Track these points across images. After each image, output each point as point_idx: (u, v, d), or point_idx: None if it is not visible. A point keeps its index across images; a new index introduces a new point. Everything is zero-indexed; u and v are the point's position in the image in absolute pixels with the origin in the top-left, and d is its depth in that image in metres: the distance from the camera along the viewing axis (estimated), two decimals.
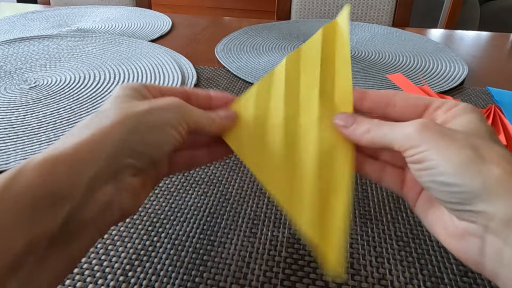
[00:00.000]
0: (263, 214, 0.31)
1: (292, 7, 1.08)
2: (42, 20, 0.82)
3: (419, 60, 0.64)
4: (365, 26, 0.81)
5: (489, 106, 0.42)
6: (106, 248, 0.28)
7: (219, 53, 0.65)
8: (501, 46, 0.74)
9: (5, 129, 0.41)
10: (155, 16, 0.85)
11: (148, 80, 0.53)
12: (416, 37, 0.75)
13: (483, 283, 0.26)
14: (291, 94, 0.26)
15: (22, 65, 0.58)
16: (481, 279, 0.26)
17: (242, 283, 0.26)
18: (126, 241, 0.29)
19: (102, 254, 0.28)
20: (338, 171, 0.22)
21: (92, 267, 0.27)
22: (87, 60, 0.60)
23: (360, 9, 1.05)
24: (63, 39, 0.68)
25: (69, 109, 0.46)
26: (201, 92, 0.27)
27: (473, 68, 0.62)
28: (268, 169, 0.23)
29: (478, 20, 1.77)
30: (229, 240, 0.29)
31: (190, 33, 0.77)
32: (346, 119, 0.23)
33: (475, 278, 0.26)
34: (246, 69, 0.59)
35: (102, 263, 0.27)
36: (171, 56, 0.61)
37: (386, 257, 0.28)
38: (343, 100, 0.25)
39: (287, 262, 0.27)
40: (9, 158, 0.36)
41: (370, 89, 0.53)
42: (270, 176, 0.23)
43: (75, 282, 0.26)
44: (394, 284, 0.26)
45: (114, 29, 0.77)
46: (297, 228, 0.22)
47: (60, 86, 0.51)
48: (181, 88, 0.26)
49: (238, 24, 0.84)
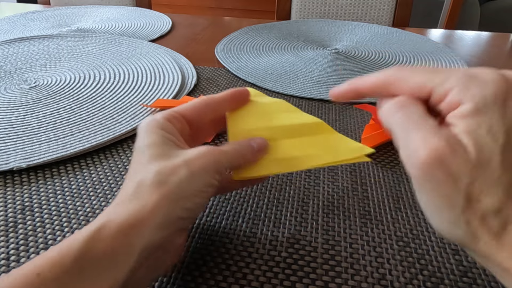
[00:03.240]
0: (263, 214, 0.31)
1: (292, 7, 1.08)
2: (42, 20, 0.82)
3: (419, 60, 0.64)
4: (365, 26, 0.81)
5: None
6: None
7: (219, 53, 0.65)
8: (501, 46, 0.74)
9: (5, 129, 0.41)
10: (155, 16, 0.85)
11: (148, 80, 0.53)
12: (416, 37, 0.75)
13: (483, 283, 0.26)
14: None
15: (22, 65, 0.58)
16: (481, 279, 0.26)
17: (242, 283, 0.26)
18: None
19: None
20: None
21: None
22: (87, 60, 0.60)
23: (360, 9, 1.05)
24: (63, 39, 0.68)
25: (69, 109, 0.46)
26: (218, 97, 0.27)
27: None
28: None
29: (478, 20, 1.77)
30: (229, 240, 0.29)
31: (190, 33, 0.77)
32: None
33: (475, 278, 0.26)
34: (246, 69, 0.59)
35: None
36: (171, 56, 0.61)
37: (386, 258, 0.28)
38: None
39: (287, 262, 0.27)
40: (9, 158, 0.37)
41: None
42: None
43: None
44: (394, 284, 0.26)
45: (114, 29, 0.77)
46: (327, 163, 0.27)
47: (60, 86, 0.51)
48: (201, 102, 0.27)
49: (238, 24, 0.84)
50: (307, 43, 0.71)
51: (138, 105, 0.47)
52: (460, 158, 0.17)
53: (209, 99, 0.27)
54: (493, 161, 0.17)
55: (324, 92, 0.52)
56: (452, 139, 0.18)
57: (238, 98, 0.28)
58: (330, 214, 0.31)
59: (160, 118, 0.25)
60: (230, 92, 0.28)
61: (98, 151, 0.39)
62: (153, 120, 0.25)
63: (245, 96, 0.28)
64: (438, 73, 0.19)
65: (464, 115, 0.18)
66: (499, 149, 0.17)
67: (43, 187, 0.34)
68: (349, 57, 0.65)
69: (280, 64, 0.61)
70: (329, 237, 0.29)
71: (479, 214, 0.17)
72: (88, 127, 0.42)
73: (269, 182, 0.35)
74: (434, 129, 0.18)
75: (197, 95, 0.51)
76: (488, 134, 0.17)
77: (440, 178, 0.17)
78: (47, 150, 0.38)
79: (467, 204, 0.17)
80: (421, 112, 0.19)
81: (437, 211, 0.19)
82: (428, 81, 0.19)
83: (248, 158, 0.26)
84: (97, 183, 0.34)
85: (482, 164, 0.17)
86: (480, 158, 0.17)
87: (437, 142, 0.17)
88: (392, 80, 0.21)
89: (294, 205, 0.32)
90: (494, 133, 0.17)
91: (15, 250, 0.28)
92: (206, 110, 0.27)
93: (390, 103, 0.20)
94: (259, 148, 0.26)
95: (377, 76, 0.21)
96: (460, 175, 0.17)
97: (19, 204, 0.32)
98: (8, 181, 0.35)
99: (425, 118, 0.19)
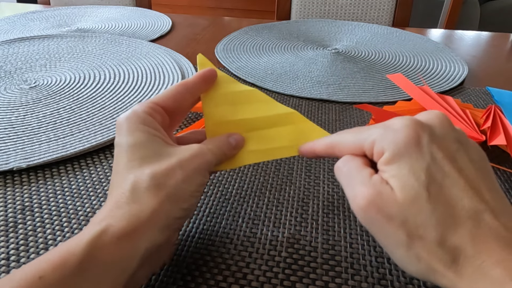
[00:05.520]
0: (263, 214, 0.31)
1: (292, 7, 1.08)
2: (42, 20, 0.82)
3: (419, 60, 0.64)
4: (365, 26, 0.81)
5: (489, 106, 0.42)
6: None
7: (219, 53, 0.65)
8: (501, 46, 0.74)
9: (5, 129, 0.41)
10: (155, 16, 0.85)
11: (148, 80, 0.53)
12: (416, 37, 0.75)
13: None
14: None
15: (22, 65, 0.58)
16: None
17: (242, 283, 0.26)
18: None
19: None
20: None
21: None
22: (87, 60, 0.60)
23: (360, 9, 1.05)
24: (63, 39, 0.68)
25: (69, 109, 0.46)
26: (192, 81, 0.27)
27: (473, 68, 0.62)
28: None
29: (478, 20, 1.77)
30: (229, 240, 0.29)
31: (190, 33, 0.77)
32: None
33: None
34: (246, 69, 0.59)
35: None
36: (171, 56, 0.61)
37: (386, 257, 0.28)
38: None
39: (287, 262, 0.27)
40: (9, 158, 0.37)
41: (369, 89, 0.53)
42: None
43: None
44: (394, 284, 0.26)
45: (114, 29, 0.77)
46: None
47: (60, 86, 0.51)
48: (178, 89, 0.27)
49: (238, 24, 0.84)
50: (307, 43, 0.71)
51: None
52: (388, 200, 0.19)
53: (184, 85, 0.27)
54: (420, 197, 0.19)
55: (324, 92, 0.52)
56: (379, 185, 0.20)
57: (209, 78, 0.28)
58: (330, 214, 0.31)
59: (141, 112, 0.25)
60: (201, 73, 0.28)
61: (98, 151, 0.39)
62: (133, 115, 0.24)
63: (213, 75, 0.28)
64: (365, 131, 0.22)
65: (386, 162, 0.20)
66: (423, 186, 0.19)
67: (43, 187, 0.34)
68: (349, 57, 0.65)
69: (280, 64, 0.61)
70: (329, 237, 0.29)
71: (426, 249, 0.18)
72: (88, 127, 0.42)
73: (269, 182, 0.35)
74: (366, 178, 0.20)
75: None
76: (409, 174, 0.19)
77: (378, 220, 0.19)
78: (47, 150, 0.38)
79: (410, 240, 0.19)
80: (358, 165, 0.22)
81: (390, 250, 0.20)
82: (357, 140, 0.22)
83: (227, 154, 0.27)
84: (97, 183, 0.34)
85: (409, 201, 0.19)
86: (406, 197, 0.19)
87: (367, 189, 0.20)
88: (335, 144, 0.24)
89: (294, 205, 0.32)
90: (415, 172, 0.19)
91: (15, 250, 0.28)
92: (184, 96, 0.27)
93: (338, 161, 0.23)
94: (237, 144, 0.27)
95: (325, 141, 0.25)
96: (392, 214, 0.19)
97: (19, 204, 0.32)
98: (8, 181, 0.35)
99: (360, 170, 0.21)
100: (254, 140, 0.28)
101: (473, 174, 0.20)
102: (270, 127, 0.29)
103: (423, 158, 0.19)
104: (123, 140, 0.24)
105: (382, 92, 0.53)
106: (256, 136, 0.28)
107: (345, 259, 0.28)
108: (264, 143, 0.28)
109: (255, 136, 0.28)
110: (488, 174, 0.20)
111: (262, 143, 0.28)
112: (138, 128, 0.24)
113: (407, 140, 0.20)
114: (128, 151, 0.23)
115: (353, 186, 0.21)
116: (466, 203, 0.18)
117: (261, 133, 0.29)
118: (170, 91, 0.27)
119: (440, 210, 0.18)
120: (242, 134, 0.28)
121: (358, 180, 0.21)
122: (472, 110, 0.44)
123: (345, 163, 0.23)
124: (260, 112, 0.29)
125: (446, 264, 0.18)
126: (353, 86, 0.54)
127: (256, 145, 0.28)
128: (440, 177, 0.19)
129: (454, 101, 0.43)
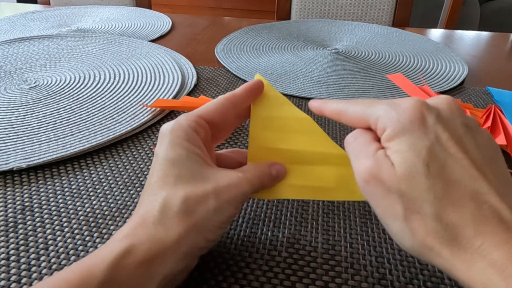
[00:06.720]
0: (263, 214, 0.31)
1: (292, 7, 1.08)
2: (42, 20, 0.82)
3: (419, 60, 0.64)
4: (365, 26, 0.81)
5: (489, 106, 0.42)
6: None
7: (219, 53, 0.65)
8: (501, 46, 0.74)
9: (5, 129, 0.41)
10: (155, 16, 0.85)
11: (148, 80, 0.53)
12: (416, 37, 0.75)
13: None
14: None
15: (22, 65, 0.58)
16: None
17: (242, 283, 0.26)
18: None
19: None
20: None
21: None
22: (87, 60, 0.60)
23: (360, 9, 1.05)
24: (63, 39, 0.68)
25: (69, 109, 0.46)
26: (239, 94, 0.27)
27: (473, 68, 0.62)
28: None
29: (478, 20, 1.77)
30: (229, 240, 0.29)
31: (190, 33, 0.77)
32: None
33: None
34: (246, 69, 0.59)
35: None
36: (171, 56, 0.61)
37: (386, 257, 0.28)
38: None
39: (287, 262, 0.27)
40: (9, 158, 0.37)
41: (369, 89, 0.53)
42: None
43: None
44: (394, 284, 0.26)
45: (114, 29, 0.77)
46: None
47: (60, 86, 0.51)
48: (224, 103, 0.26)
49: (238, 24, 0.84)
50: (307, 43, 0.71)
51: (138, 105, 0.47)
52: (387, 173, 0.20)
53: (231, 98, 0.26)
54: (418, 172, 0.19)
55: (324, 92, 0.52)
56: (381, 159, 0.20)
57: (256, 91, 0.27)
58: (330, 214, 0.31)
59: (187, 127, 0.24)
60: (248, 85, 0.27)
61: (98, 151, 0.39)
62: (178, 129, 0.24)
63: (260, 87, 0.27)
64: (373, 106, 0.22)
65: (388, 138, 0.20)
66: (423, 162, 0.19)
67: (43, 187, 0.34)
68: (349, 57, 0.65)
69: (280, 64, 0.61)
70: (329, 237, 0.29)
71: (422, 223, 0.19)
72: (88, 127, 0.42)
73: None
74: (371, 152, 0.21)
75: (197, 95, 0.51)
76: (410, 150, 0.19)
77: (377, 191, 0.20)
78: (47, 150, 0.38)
79: (407, 213, 0.19)
80: (367, 140, 0.22)
81: (387, 222, 0.21)
82: (364, 113, 0.23)
83: (266, 184, 0.26)
84: (97, 183, 0.34)
85: (407, 175, 0.19)
86: (405, 171, 0.19)
87: (369, 162, 0.21)
88: (343, 111, 0.24)
89: (294, 205, 0.32)
90: (416, 149, 0.19)
91: (15, 250, 0.28)
92: (230, 110, 0.26)
93: (348, 135, 0.24)
94: (278, 175, 0.26)
95: (335, 106, 0.25)
96: (391, 187, 0.19)
97: (19, 204, 0.32)
98: (8, 181, 0.35)
99: (368, 145, 0.22)
100: (297, 173, 0.26)
101: (479, 158, 0.19)
102: (317, 164, 0.26)
103: (426, 137, 0.19)
104: (163, 152, 0.24)
105: (382, 92, 0.53)
106: (300, 170, 0.26)
107: (345, 259, 0.28)
108: (308, 179, 0.26)
109: (299, 170, 0.26)
110: (497, 161, 0.20)
111: (305, 179, 0.26)
112: (181, 144, 0.23)
113: (411, 118, 0.20)
114: (165, 165, 0.23)
115: (359, 159, 0.22)
116: (469, 183, 0.18)
117: (307, 168, 0.26)
118: (216, 105, 0.26)
119: (438, 187, 0.18)
120: (286, 165, 0.26)
121: (364, 154, 0.21)
122: (472, 110, 0.44)
123: (355, 137, 0.23)
124: (310, 145, 0.26)
125: (442, 242, 0.18)
126: (353, 86, 0.54)
127: (298, 179, 0.26)
128: (443, 157, 0.19)
129: None
